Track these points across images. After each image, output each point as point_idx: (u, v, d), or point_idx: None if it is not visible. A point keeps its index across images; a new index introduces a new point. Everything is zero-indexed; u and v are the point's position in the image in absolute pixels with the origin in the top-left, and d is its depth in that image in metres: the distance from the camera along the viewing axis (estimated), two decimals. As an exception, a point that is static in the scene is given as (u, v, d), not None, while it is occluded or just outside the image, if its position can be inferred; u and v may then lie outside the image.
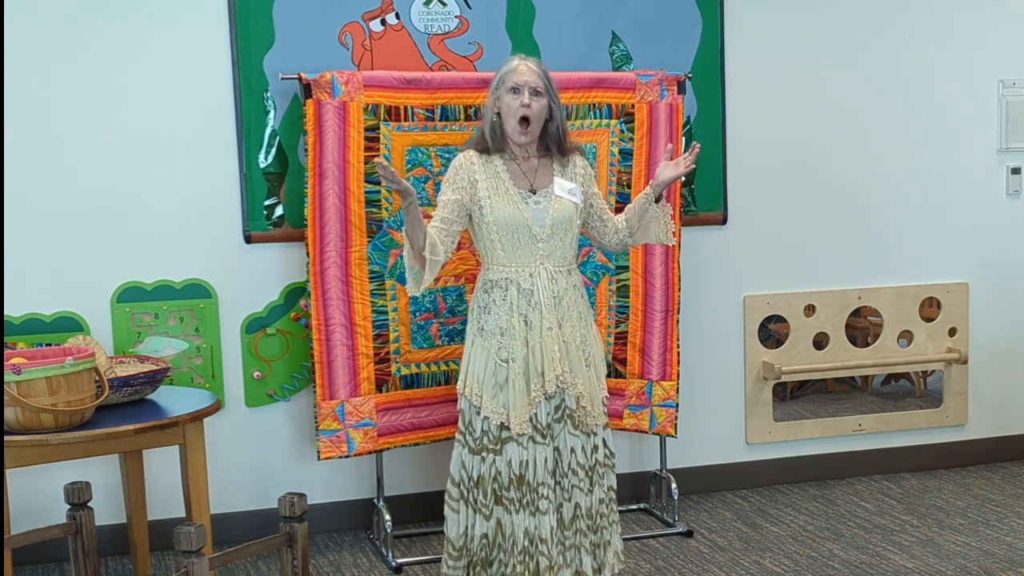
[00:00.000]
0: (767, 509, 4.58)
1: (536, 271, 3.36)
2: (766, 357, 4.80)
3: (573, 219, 3.42)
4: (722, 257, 4.71)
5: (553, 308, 3.35)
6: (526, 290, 3.35)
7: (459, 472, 3.41)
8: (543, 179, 3.44)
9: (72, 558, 3.31)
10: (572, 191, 3.44)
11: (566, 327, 3.37)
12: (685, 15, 4.52)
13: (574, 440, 3.39)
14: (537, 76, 3.40)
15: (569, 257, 3.44)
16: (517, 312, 3.34)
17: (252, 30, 4.12)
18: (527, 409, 3.32)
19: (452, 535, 3.43)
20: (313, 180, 3.98)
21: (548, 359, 3.32)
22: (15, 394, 3.17)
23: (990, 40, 4.94)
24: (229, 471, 4.25)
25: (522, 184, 3.41)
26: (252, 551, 3.06)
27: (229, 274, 4.21)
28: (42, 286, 4.03)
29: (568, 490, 3.39)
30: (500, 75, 3.44)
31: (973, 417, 5.11)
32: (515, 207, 3.36)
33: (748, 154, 4.69)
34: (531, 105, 3.37)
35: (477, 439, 3.37)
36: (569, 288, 3.40)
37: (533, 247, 3.36)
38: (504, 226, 3.36)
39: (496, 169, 3.42)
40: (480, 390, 3.35)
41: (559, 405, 3.37)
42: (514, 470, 3.34)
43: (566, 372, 3.34)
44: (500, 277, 3.38)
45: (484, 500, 3.37)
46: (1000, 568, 3.88)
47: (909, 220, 4.93)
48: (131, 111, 4.08)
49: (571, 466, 3.39)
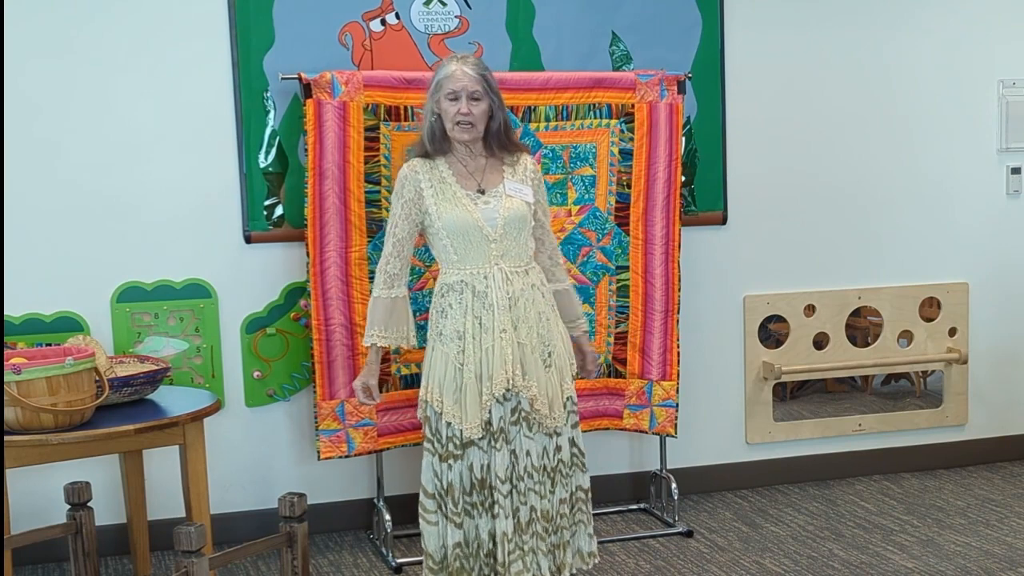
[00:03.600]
0: (767, 509, 4.58)
1: (491, 272, 3.31)
2: (766, 357, 4.80)
3: (526, 217, 3.37)
4: (722, 257, 4.71)
5: (508, 310, 3.30)
6: (481, 292, 3.30)
7: (432, 482, 3.36)
8: (492, 178, 3.39)
9: (72, 558, 3.32)
10: (524, 192, 3.39)
11: (522, 328, 3.31)
12: (685, 15, 4.52)
13: (529, 443, 3.33)
14: (474, 80, 3.31)
15: (525, 256, 3.39)
16: (472, 315, 3.30)
17: (252, 30, 4.12)
18: (480, 413, 3.28)
19: (432, 549, 3.37)
20: (313, 180, 3.98)
21: (499, 362, 3.27)
22: (15, 394, 3.17)
23: (990, 40, 4.94)
24: (229, 471, 4.25)
25: (469, 185, 3.36)
26: (252, 551, 3.07)
27: (229, 274, 4.21)
28: (42, 286, 4.03)
29: (524, 493, 3.33)
30: (437, 79, 3.35)
31: (973, 417, 5.11)
32: (463, 209, 3.32)
33: (748, 154, 4.69)
34: (471, 111, 3.32)
35: (444, 445, 3.33)
36: (526, 288, 3.35)
37: (486, 248, 3.31)
38: (454, 229, 3.31)
39: (441, 173, 3.37)
40: (441, 395, 3.31)
41: (515, 408, 3.32)
42: (475, 474, 3.31)
43: (517, 375, 3.28)
44: (455, 280, 3.34)
45: (455, 508, 3.33)
46: (1000, 568, 3.88)
47: (909, 220, 4.93)
48: (131, 111, 4.08)
49: (527, 469, 3.33)
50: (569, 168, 4.22)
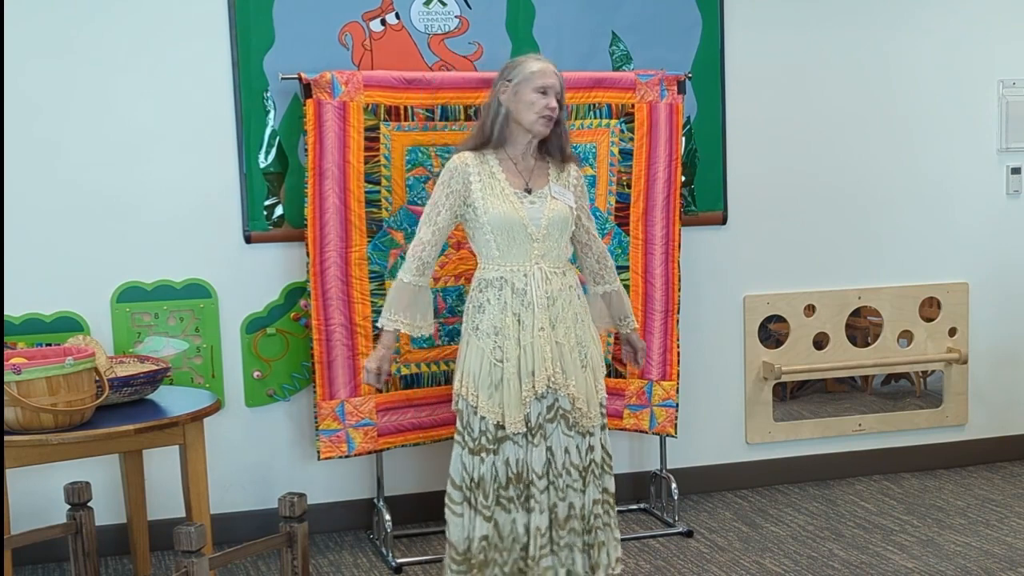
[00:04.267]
0: (767, 509, 4.58)
1: (531, 271, 3.35)
2: (766, 357, 4.80)
3: (568, 220, 3.42)
4: (722, 257, 4.71)
5: (546, 308, 3.33)
6: (520, 290, 3.34)
7: (460, 474, 3.39)
8: (539, 180, 3.44)
9: (72, 558, 3.32)
10: (567, 197, 3.44)
11: (559, 328, 3.35)
12: (685, 15, 4.52)
13: (568, 440, 3.37)
14: (560, 83, 3.43)
15: (564, 258, 3.44)
16: (511, 311, 3.33)
17: (252, 30, 4.12)
18: (521, 409, 3.31)
19: (455, 539, 3.39)
20: (313, 180, 3.98)
21: (540, 359, 3.31)
22: (15, 394, 3.17)
23: (990, 40, 4.94)
24: (229, 471, 4.25)
25: (517, 183, 3.40)
26: (252, 551, 3.06)
27: (229, 274, 4.21)
28: (42, 286, 4.03)
29: (562, 490, 3.36)
30: (523, 73, 3.39)
31: (973, 417, 5.11)
32: (511, 206, 3.35)
33: (748, 154, 4.69)
34: (556, 108, 3.39)
35: (476, 439, 3.36)
36: (564, 289, 3.39)
37: (529, 246, 3.35)
38: (499, 225, 3.35)
39: (491, 168, 3.41)
40: (476, 390, 3.34)
41: (551, 405, 3.35)
42: (511, 468, 3.33)
43: (558, 373, 3.32)
44: (495, 276, 3.37)
45: (485, 502, 3.35)
46: (1000, 568, 3.88)
47: (909, 220, 4.93)
48: (131, 111, 4.08)
49: (565, 466, 3.36)
50: (569, 168, 4.22)
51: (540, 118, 3.38)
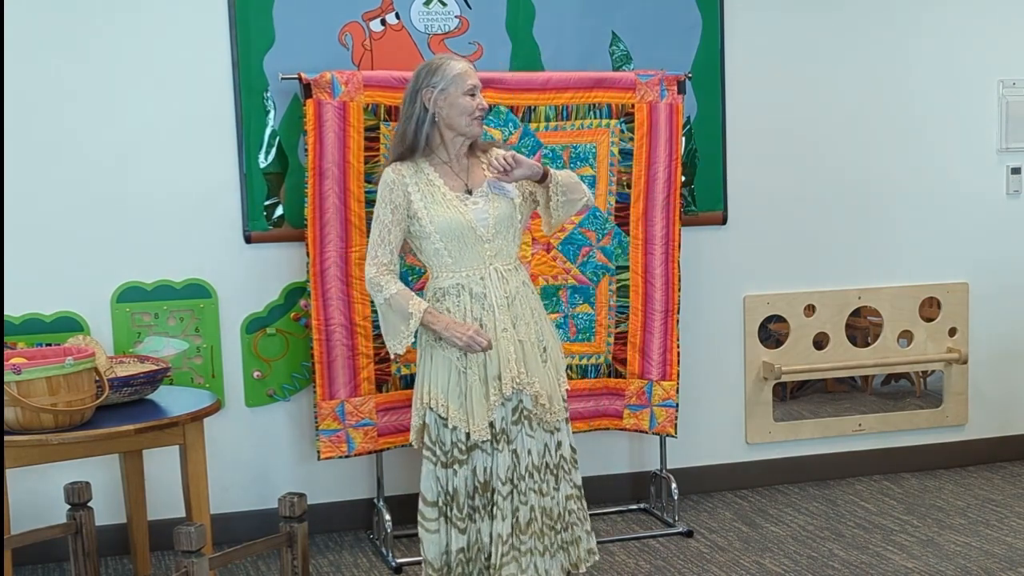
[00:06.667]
0: (767, 509, 4.58)
1: (487, 273, 3.29)
2: (766, 357, 4.80)
3: (513, 215, 3.35)
4: (722, 257, 4.71)
5: (507, 308, 3.28)
6: (479, 294, 3.27)
7: (433, 490, 3.33)
8: (476, 178, 3.35)
9: (72, 558, 3.32)
10: (506, 190, 3.34)
11: (520, 326, 3.30)
12: (685, 15, 4.52)
13: (531, 442, 3.31)
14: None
15: (515, 254, 3.38)
16: (472, 317, 3.27)
17: (252, 30, 4.12)
18: (486, 416, 3.26)
19: (432, 556, 3.34)
20: (313, 180, 3.98)
21: (504, 361, 3.25)
22: (15, 394, 3.17)
23: (990, 40, 4.94)
24: (229, 471, 4.25)
25: (456, 186, 3.32)
26: (252, 551, 3.07)
27: (229, 274, 4.21)
28: (42, 286, 4.03)
29: (524, 493, 3.31)
30: (448, 76, 3.28)
31: (973, 417, 5.11)
32: (455, 211, 3.28)
33: (748, 155, 4.69)
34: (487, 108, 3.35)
35: (447, 451, 3.30)
36: (520, 286, 3.34)
37: (480, 248, 3.29)
38: (448, 231, 3.27)
39: (428, 176, 3.32)
40: (446, 400, 3.28)
41: (516, 407, 3.30)
42: (479, 477, 3.30)
43: (522, 373, 3.27)
44: (451, 284, 3.30)
45: (459, 514, 3.30)
46: (1000, 568, 3.88)
47: (909, 220, 4.93)
48: (131, 111, 4.09)
49: (527, 468, 3.31)
50: (569, 168, 4.22)
51: (474, 120, 3.31)
